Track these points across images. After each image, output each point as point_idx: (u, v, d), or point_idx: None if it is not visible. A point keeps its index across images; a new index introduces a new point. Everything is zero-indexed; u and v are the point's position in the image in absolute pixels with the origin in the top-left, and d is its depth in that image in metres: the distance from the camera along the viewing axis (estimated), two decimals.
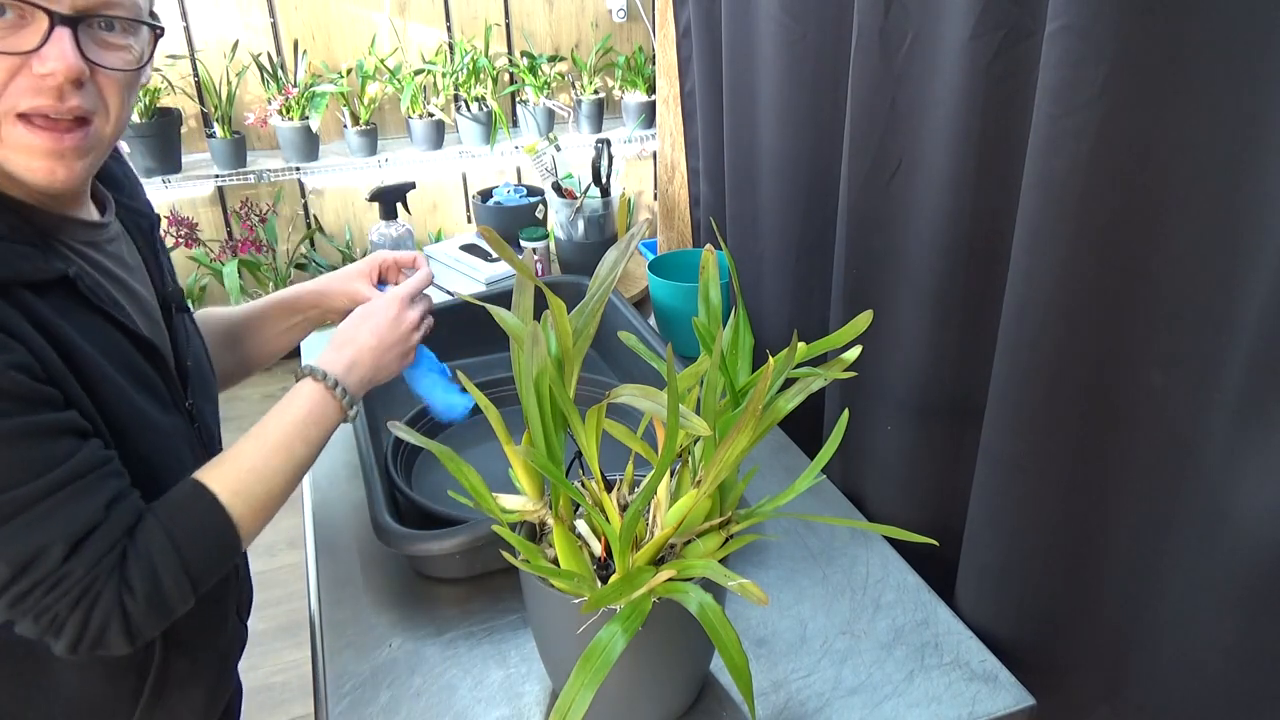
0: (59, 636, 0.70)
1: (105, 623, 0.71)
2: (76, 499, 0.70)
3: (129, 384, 0.78)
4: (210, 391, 0.95)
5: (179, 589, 0.74)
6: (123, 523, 0.73)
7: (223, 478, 0.79)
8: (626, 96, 3.52)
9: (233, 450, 0.82)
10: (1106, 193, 0.73)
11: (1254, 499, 0.68)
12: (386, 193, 1.65)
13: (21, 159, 0.71)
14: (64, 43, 0.68)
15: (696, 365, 0.83)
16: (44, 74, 0.68)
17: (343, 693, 0.91)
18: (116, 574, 0.71)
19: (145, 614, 0.72)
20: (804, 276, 1.32)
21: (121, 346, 0.78)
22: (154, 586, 0.73)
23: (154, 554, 0.73)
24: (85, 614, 0.70)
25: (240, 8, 3.04)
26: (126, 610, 0.71)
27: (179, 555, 0.74)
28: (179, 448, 0.84)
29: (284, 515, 0.88)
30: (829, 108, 1.17)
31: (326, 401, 0.87)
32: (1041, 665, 0.94)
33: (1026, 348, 0.84)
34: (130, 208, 0.89)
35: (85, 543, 0.70)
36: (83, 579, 0.69)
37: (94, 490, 0.71)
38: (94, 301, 0.76)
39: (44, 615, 0.69)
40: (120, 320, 0.78)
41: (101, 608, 0.70)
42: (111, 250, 0.83)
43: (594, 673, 0.67)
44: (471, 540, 0.97)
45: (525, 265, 0.82)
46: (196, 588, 0.76)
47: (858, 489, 1.22)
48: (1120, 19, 0.67)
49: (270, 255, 3.24)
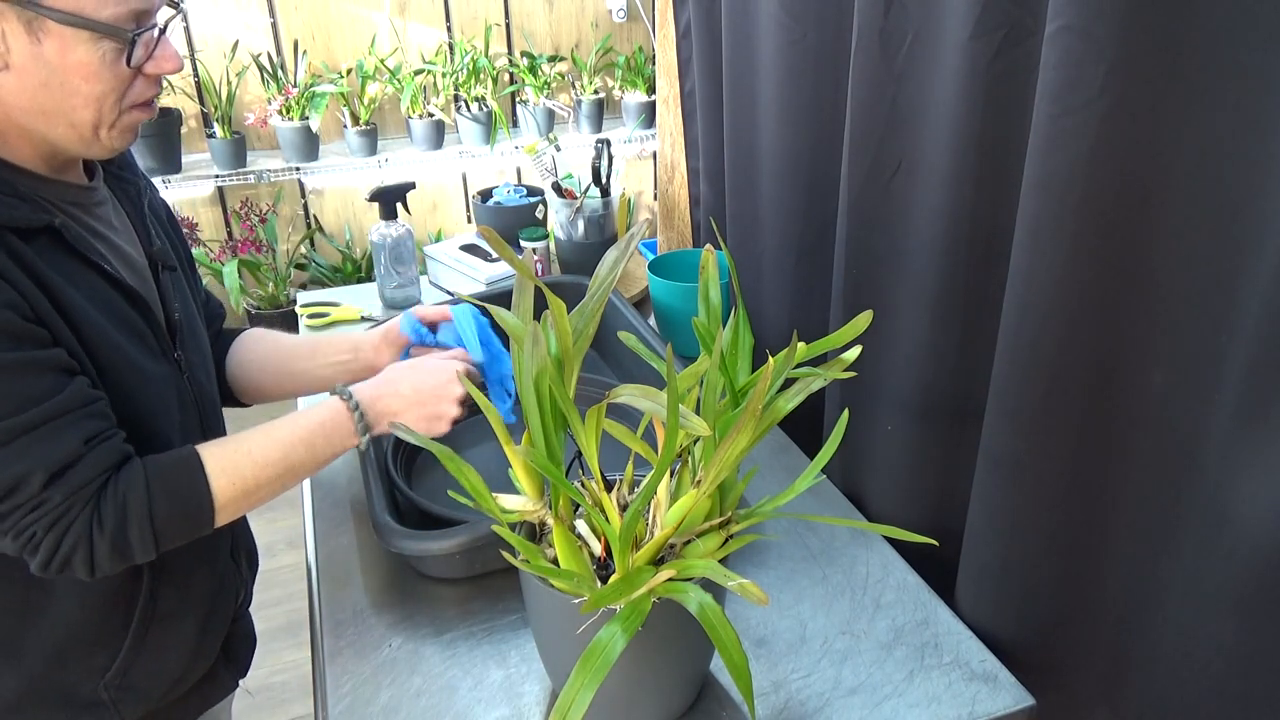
0: (34, 555, 0.77)
1: (73, 548, 0.77)
2: (58, 433, 0.76)
3: (115, 329, 0.83)
4: (202, 347, 0.99)
5: (142, 539, 0.80)
6: (103, 461, 0.79)
7: (219, 456, 0.84)
8: (626, 96, 3.52)
9: (241, 435, 0.87)
10: (1106, 193, 0.73)
11: (1254, 499, 0.68)
12: (386, 193, 1.65)
13: (123, 137, 0.82)
14: (170, 46, 0.82)
15: (696, 365, 0.83)
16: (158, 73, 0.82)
17: (343, 693, 0.91)
18: (92, 505, 0.78)
19: (107, 551, 0.79)
20: (804, 276, 1.32)
21: (107, 294, 0.83)
22: (120, 528, 0.79)
23: (129, 498, 0.79)
24: (58, 537, 0.77)
25: (240, 8, 3.04)
26: (93, 541, 0.78)
27: (150, 507, 0.80)
28: (166, 394, 0.89)
29: (284, 515, 0.89)
30: (829, 108, 1.17)
31: (342, 421, 0.92)
32: (1041, 665, 0.94)
33: (1026, 348, 0.84)
34: (118, 175, 0.94)
35: (65, 474, 0.76)
36: (59, 505, 0.76)
37: (75, 426, 0.77)
38: (79, 250, 0.81)
39: (22, 534, 0.76)
40: (105, 269, 0.83)
41: (73, 533, 0.77)
42: (99, 213, 0.88)
43: (594, 673, 0.67)
44: (471, 540, 0.97)
45: (525, 265, 0.82)
46: (159, 543, 0.81)
47: (858, 489, 1.22)
48: (1120, 19, 0.67)
49: (270, 255, 3.24)
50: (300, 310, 1.74)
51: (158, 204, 1.01)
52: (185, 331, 0.94)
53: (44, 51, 0.74)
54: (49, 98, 0.77)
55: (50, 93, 0.76)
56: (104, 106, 0.79)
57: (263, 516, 2.62)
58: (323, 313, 1.71)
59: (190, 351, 0.94)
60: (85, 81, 0.77)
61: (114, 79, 0.78)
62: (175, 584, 0.92)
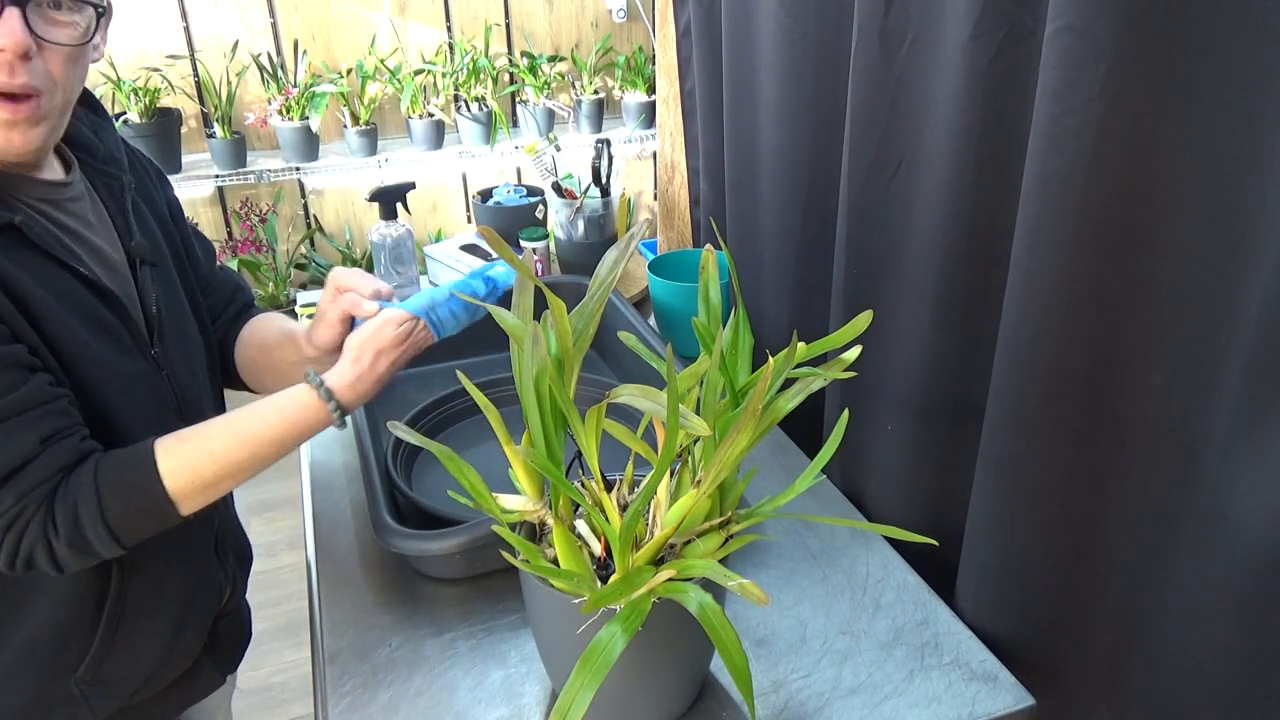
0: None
1: (32, 549, 0.77)
2: (13, 433, 0.75)
3: (82, 327, 0.82)
4: (188, 344, 0.97)
5: (99, 538, 0.79)
6: (57, 461, 0.77)
7: (179, 453, 0.82)
8: (626, 96, 3.52)
9: (204, 429, 0.85)
10: (1106, 193, 0.73)
11: (1254, 499, 0.68)
12: (386, 193, 1.65)
13: None
14: (14, 21, 0.74)
15: (696, 365, 0.83)
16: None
17: (343, 693, 0.91)
18: (45, 508, 0.77)
19: (67, 550, 0.78)
20: (804, 276, 1.32)
21: (76, 291, 0.82)
22: (74, 529, 0.78)
23: (79, 500, 0.78)
24: (16, 539, 0.76)
25: (240, 8, 3.04)
26: (50, 542, 0.77)
27: (101, 507, 0.78)
28: (140, 393, 0.87)
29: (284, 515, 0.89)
30: (829, 107, 1.17)
31: (314, 411, 0.89)
32: (1041, 665, 0.94)
33: (1026, 347, 0.84)
34: (101, 170, 0.92)
35: (16, 475, 0.75)
36: (12, 507, 0.75)
37: (31, 426, 0.76)
38: (43, 248, 0.80)
39: None
40: (74, 267, 0.82)
41: (30, 535, 0.76)
42: (73, 209, 0.87)
43: (594, 673, 0.67)
44: (471, 540, 0.97)
45: (525, 265, 0.82)
46: (120, 540, 0.80)
47: (858, 489, 1.22)
48: (1120, 19, 0.67)
49: (270, 255, 3.24)
50: (300, 310, 1.74)
51: (154, 196, 1.00)
52: (166, 328, 0.93)
53: None
54: None
55: None
56: None
57: (262, 516, 2.64)
58: None
59: (171, 348, 0.93)
60: None
61: None
62: (147, 582, 0.91)
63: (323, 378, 0.90)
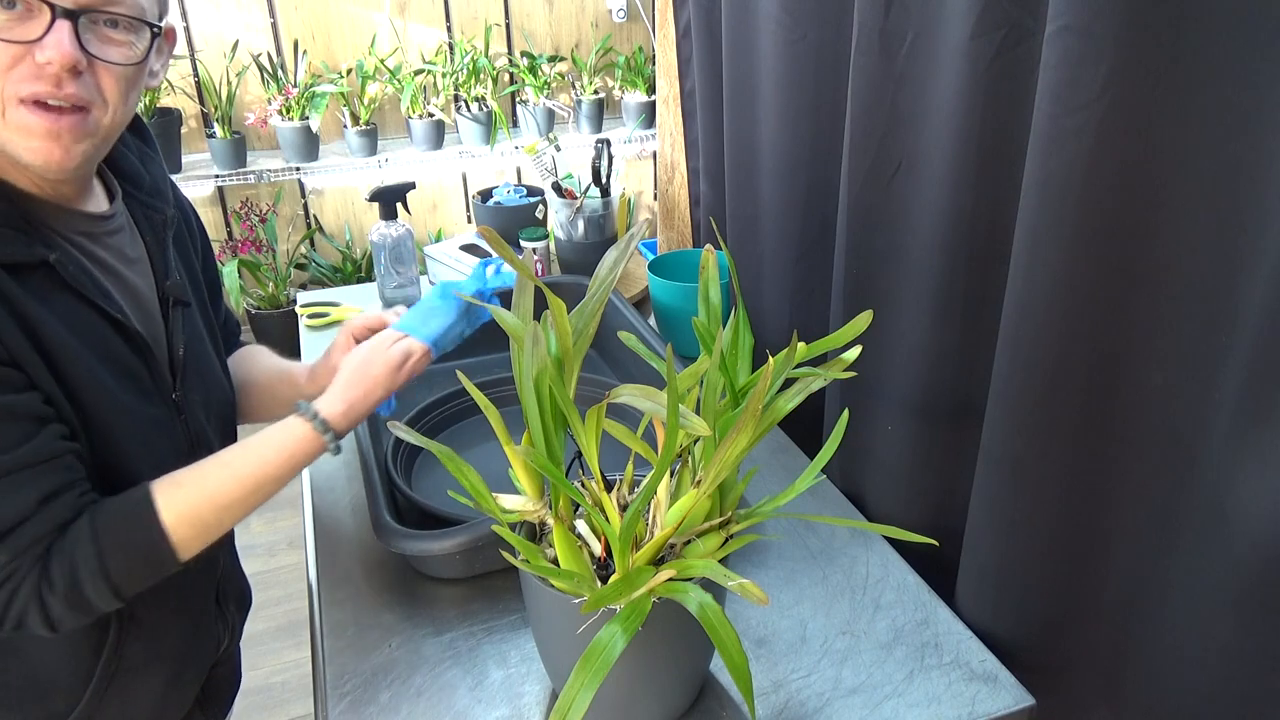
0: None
1: (24, 609, 0.74)
2: (13, 490, 0.73)
3: (107, 371, 0.80)
4: (207, 386, 0.95)
5: (99, 593, 0.76)
6: (53, 519, 0.75)
7: (178, 500, 0.79)
8: (626, 96, 3.52)
9: (200, 473, 0.82)
10: (1106, 192, 0.73)
11: (1254, 499, 0.68)
12: (386, 193, 1.65)
13: (20, 139, 0.74)
14: (63, 34, 0.72)
15: (696, 365, 0.83)
16: (43, 62, 0.72)
17: (343, 693, 0.91)
18: (39, 568, 0.74)
19: (64, 609, 0.75)
20: (804, 276, 1.32)
21: (104, 334, 0.80)
22: (73, 586, 0.75)
23: (77, 557, 0.75)
24: (7, 599, 0.73)
25: (240, 8, 3.04)
26: (45, 602, 0.74)
27: (101, 563, 0.75)
28: (155, 438, 0.85)
29: (284, 515, 0.89)
30: (829, 108, 1.17)
31: (308, 443, 0.86)
32: (1041, 665, 0.94)
33: (1027, 347, 0.84)
34: (144, 202, 0.90)
35: (11, 534, 0.73)
36: (4, 566, 0.72)
37: (32, 483, 0.73)
38: (76, 288, 0.78)
39: None
40: (104, 309, 0.80)
41: (21, 596, 0.73)
42: (112, 243, 0.85)
43: (594, 673, 0.67)
44: (471, 540, 0.97)
45: (525, 265, 0.82)
46: (120, 594, 0.78)
47: (858, 489, 1.22)
48: (1120, 19, 0.67)
49: (270, 255, 3.24)
50: (300, 310, 1.74)
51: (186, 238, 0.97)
52: (189, 370, 0.90)
53: None
54: None
55: None
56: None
57: (263, 517, 2.64)
58: (323, 313, 1.71)
59: (192, 391, 0.91)
60: None
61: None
62: (145, 636, 0.88)
63: (315, 408, 0.87)
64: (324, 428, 0.87)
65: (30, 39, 0.72)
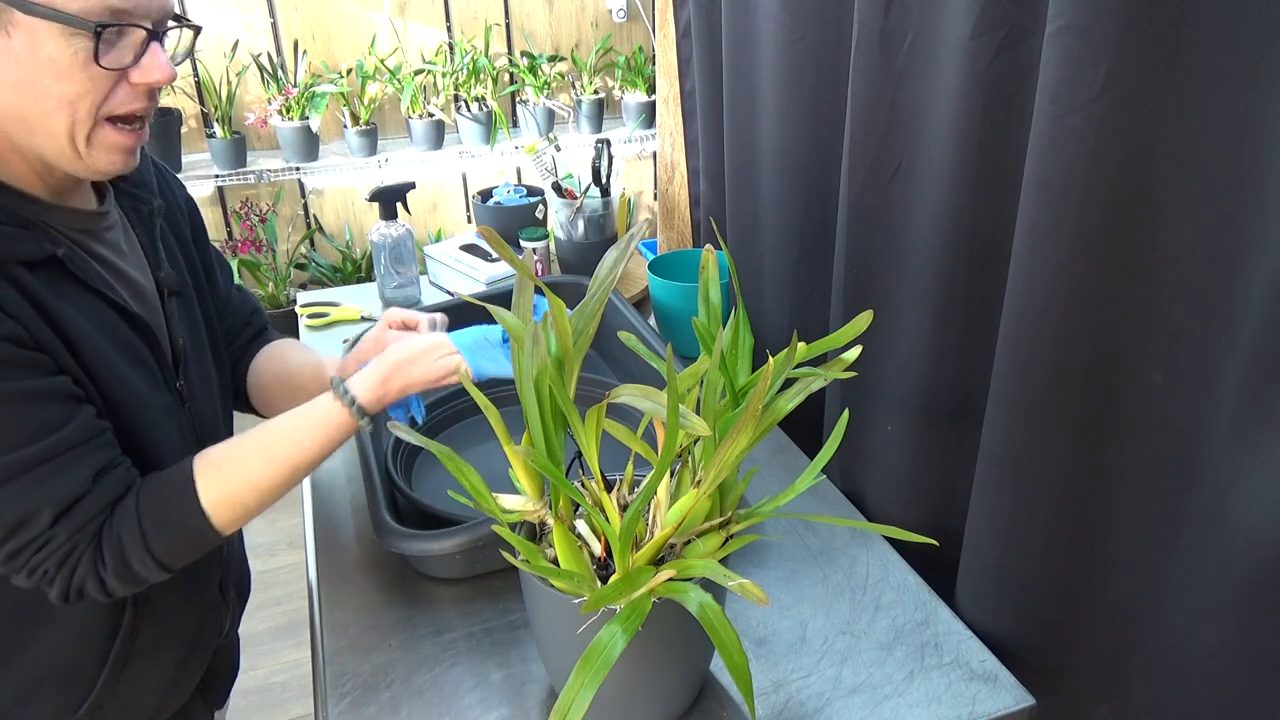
0: (50, 588, 0.78)
1: (84, 582, 0.78)
2: (68, 467, 0.76)
3: (121, 359, 0.82)
4: (209, 376, 0.97)
5: (145, 568, 0.80)
6: (108, 494, 0.78)
7: (216, 482, 0.82)
8: (626, 96, 3.52)
9: (239, 453, 0.85)
10: (1106, 192, 0.73)
11: (1254, 499, 0.68)
12: (386, 193, 1.65)
13: (105, 155, 0.78)
14: (160, 54, 0.78)
15: (696, 365, 0.83)
16: (144, 82, 0.77)
17: (343, 693, 0.91)
18: (94, 544, 0.77)
19: (116, 581, 0.79)
20: (804, 276, 1.32)
21: (114, 323, 0.82)
22: (121, 562, 0.79)
23: (123, 535, 0.79)
24: (70, 572, 0.77)
25: (240, 8, 3.04)
26: (100, 576, 0.78)
27: (145, 541, 0.79)
28: (166, 425, 0.87)
29: (284, 515, 0.89)
30: (829, 107, 1.17)
31: (343, 421, 0.89)
32: (1041, 665, 0.94)
33: (1027, 347, 0.84)
34: (131, 194, 0.92)
35: (71, 511, 0.76)
36: (65, 543, 0.76)
37: (84, 460, 0.77)
38: (84, 280, 0.80)
39: (35, 571, 0.76)
40: (112, 298, 0.82)
41: (81, 569, 0.77)
42: (108, 238, 0.86)
43: (594, 673, 0.67)
44: (471, 540, 0.97)
45: (525, 265, 0.82)
46: (166, 568, 0.81)
47: (858, 489, 1.22)
48: (1120, 19, 0.67)
49: (270, 255, 3.24)
50: (300, 310, 1.74)
51: (178, 219, 0.98)
52: (191, 360, 0.92)
53: (13, 46, 0.71)
54: (21, 100, 0.73)
55: (22, 94, 0.73)
56: (77, 112, 0.74)
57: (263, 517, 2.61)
58: (323, 313, 1.71)
59: (194, 381, 0.92)
60: (56, 80, 0.72)
61: (87, 81, 0.74)
62: (158, 620, 0.90)
63: (349, 387, 0.90)
64: (353, 403, 0.89)
65: (126, 64, 0.76)
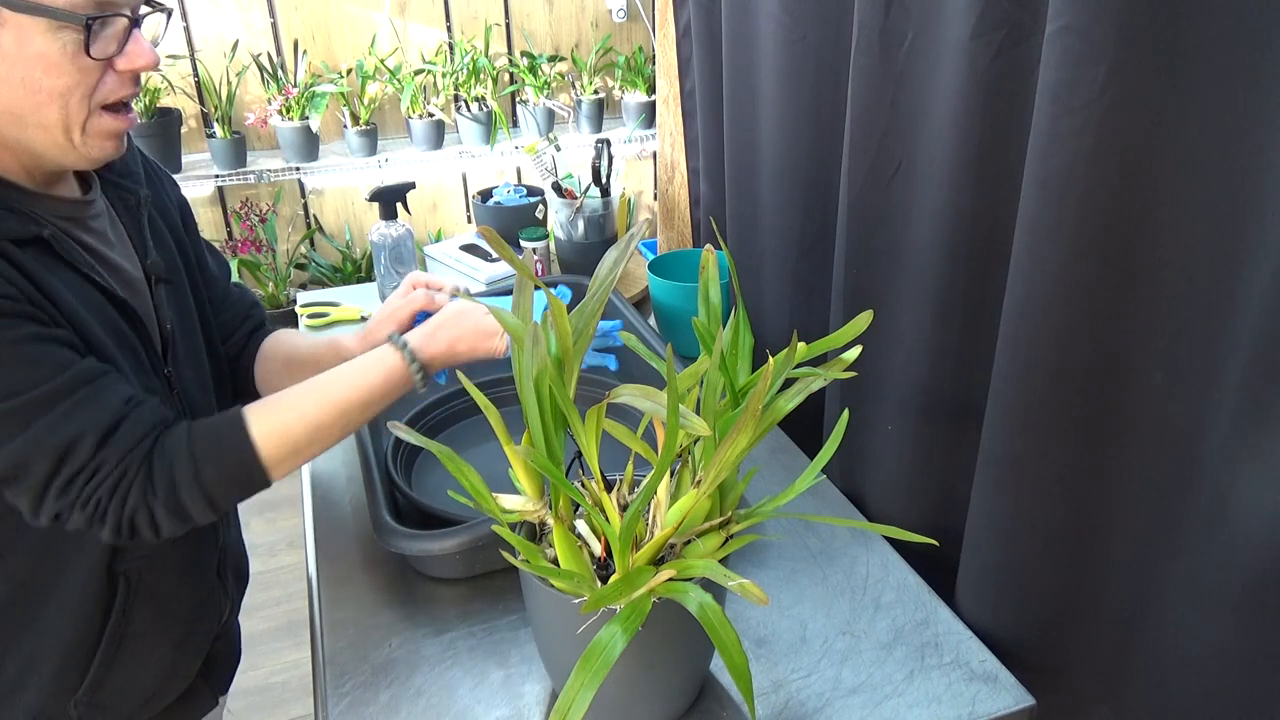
0: (104, 523, 0.77)
1: (135, 511, 0.77)
2: (99, 394, 0.76)
3: (111, 341, 0.82)
4: (199, 362, 0.97)
5: (194, 502, 0.80)
6: (147, 418, 0.79)
7: (269, 420, 0.83)
8: (626, 96, 3.51)
9: (292, 396, 0.86)
10: (1106, 192, 0.73)
11: (1254, 499, 0.68)
12: (386, 193, 1.65)
13: (99, 142, 0.79)
14: (143, 40, 0.78)
15: (696, 365, 0.83)
16: (130, 69, 0.78)
17: (343, 693, 0.91)
18: (143, 470, 0.77)
19: (165, 514, 0.79)
20: (804, 276, 1.32)
21: (101, 305, 0.83)
22: (172, 493, 0.78)
23: (175, 465, 0.79)
24: (121, 502, 0.77)
25: (240, 8, 3.04)
26: (150, 507, 0.78)
27: (195, 471, 0.79)
28: None
29: (284, 515, 0.89)
30: (829, 108, 1.17)
31: (399, 373, 0.92)
32: (1041, 665, 0.94)
33: (1027, 347, 0.84)
34: (117, 184, 0.92)
35: (113, 435, 0.76)
36: (116, 468, 0.76)
37: (112, 389, 0.77)
38: (70, 262, 0.80)
39: (89, 503, 0.76)
40: (98, 281, 0.82)
41: (133, 498, 0.77)
42: (94, 227, 0.87)
43: (594, 673, 0.67)
44: (471, 540, 0.97)
45: (525, 265, 0.82)
46: (213, 505, 0.81)
47: (858, 489, 1.22)
48: (1120, 19, 0.67)
49: (270, 255, 3.24)
50: (300, 310, 1.74)
51: (168, 208, 0.99)
52: (180, 347, 0.93)
53: (1, 43, 0.71)
54: (12, 95, 0.74)
55: (13, 89, 0.73)
56: (70, 104, 0.75)
57: (263, 516, 2.64)
58: (323, 313, 1.71)
59: (183, 367, 0.93)
60: (46, 75, 0.73)
61: (77, 73, 0.74)
62: (152, 602, 0.90)
63: (406, 339, 0.92)
64: (412, 358, 0.91)
65: (113, 52, 0.76)
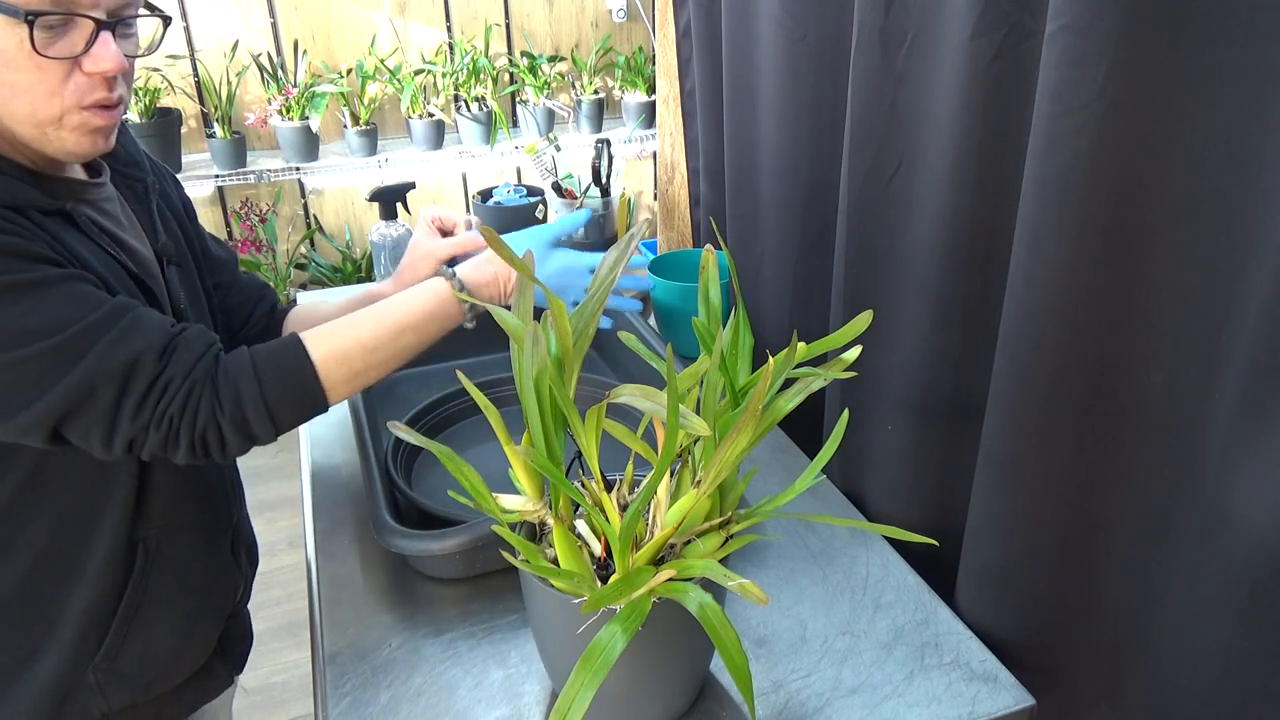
0: (178, 442, 0.79)
1: (204, 428, 0.79)
2: (143, 320, 0.78)
3: None
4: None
5: (259, 420, 0.82)
6: (201, 339, 0.81)
7: (326, 343, 0.86)
8: (626, 96, 3.51)
9: (346, 321, 0.89)
10: (1106, 193, 0.73)
11: (1254, 499, 0.68)
12: (386, 193, 1.65)
13: (74, 137, 0.80)
14: (110, 44, 0.78)
15: (696, 365, 0.83)
16: (96, 72, 0.78)
17: (343, 693, 0.91)
18: (209, 386, 0.79)
19: (233, 432, 0.81)
20: (804, 276, 1.32)
21: (123, 278, 0.85)
22: (237, 408, 0.81)
23: (240, 384, 0.81)
24: (193, 418, 0.78)
25: (240, 8, 3.04)
26: (220, 423, 0.80)
27: (260, 387, 0.81)
28: None
29: (284, 515, 0.90)
30: (829, 107, 1.17)
31: (450, 304, 0.95)
32: (1041, 665, 0.94)
33: (1026, 347, 0.84)
34: (124, 173, 0.95)
35: (172, 350, 0.78)
36: (184, 384, 0.78)
37: (152, 316, 0.80)
38: (90, 235, 0.83)
39: (163, 421, 0.77)
40: (117, 256, 0.85)
41: (202, 414, 0.79)
42: (107, 209, 0.89)
43: (594, 673, 0.67)
44: (471, 540, 0.97)
45: (525, 265, 0.82)
46: (276, 424, 0.83)
47: (858, 489, 1.22)
48: (1120, 19, 0.67)
49: (270, 255, 3.24)
50: None
51: (173, 198, 1.02)
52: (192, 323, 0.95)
53: None
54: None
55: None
56: (35, 99, 0.76)
57: (263, 516, 2.63)
58: None
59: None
60: (6, 69, 0.74)
61: (35, 70, 0.75)
62: (170, 571, 0.93)
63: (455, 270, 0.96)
64: (461, 287, 0.96)
65: (76, 53, 0.76)
